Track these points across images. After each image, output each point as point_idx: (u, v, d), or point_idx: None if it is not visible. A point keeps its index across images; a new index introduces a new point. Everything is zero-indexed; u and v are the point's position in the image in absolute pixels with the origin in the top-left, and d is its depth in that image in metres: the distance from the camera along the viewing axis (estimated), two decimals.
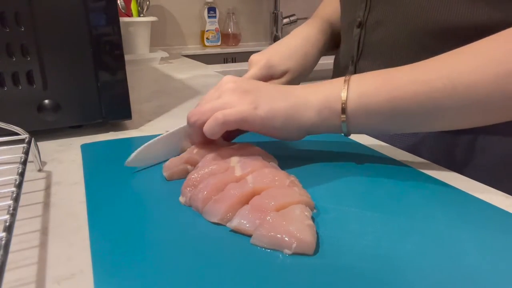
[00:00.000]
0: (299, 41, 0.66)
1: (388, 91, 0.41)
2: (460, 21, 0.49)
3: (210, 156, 0.43)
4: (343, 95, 0.42)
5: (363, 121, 0.43)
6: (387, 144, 0.56)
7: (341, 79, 0.44)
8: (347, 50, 0.66)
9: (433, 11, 0.50)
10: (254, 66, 0.61)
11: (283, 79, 0.63)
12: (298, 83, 0.66)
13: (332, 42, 0.72)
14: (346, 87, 0.43)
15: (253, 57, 0.62)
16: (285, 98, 0.44)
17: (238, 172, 0.39)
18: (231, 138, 0.50)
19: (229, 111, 0.41)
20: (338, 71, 0.71)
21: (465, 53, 0.40)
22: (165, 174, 0.44)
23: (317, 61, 0.68)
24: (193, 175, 0.40)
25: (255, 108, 0.42)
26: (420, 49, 0.51)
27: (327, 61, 0.77)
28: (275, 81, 0.62)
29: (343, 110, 0.42)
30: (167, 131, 0.48)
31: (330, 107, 0.43)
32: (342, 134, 0.45)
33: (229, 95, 0.43)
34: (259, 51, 0.64)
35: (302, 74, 0.65)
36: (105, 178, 0.44)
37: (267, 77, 0.61)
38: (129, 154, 0.44)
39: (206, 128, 0.42)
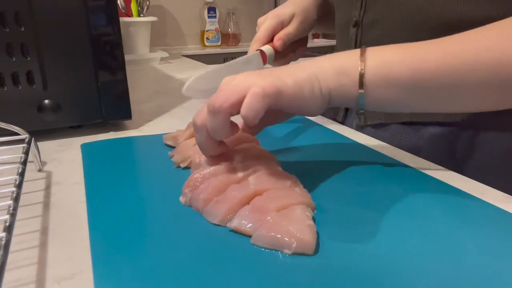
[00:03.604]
0: None
1: (412, 61, 0.39)
2: (458, 17, 0.49)
3: (212, 156, 0.43)
4: (361, 63, 0.40)
5: (381, 93, 0.41)
6: (387, 144, 0.56)
7: (357, 50, 0.42)
8: (343, 50, 0.66)
9: (431, 8, 0.50)
10: (264, 21, 0.64)
11: (294, 23, 0.65)
12: (308, 31, 0.69)
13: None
14: (364, 55, 0.41)
15: (259, 19, 0.66)
16: (302, 70, 0.41)
17: (239, 173, 0.39)
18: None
19: (264, 83, 0.37)
20: None
21: (491, 30, 0.39)
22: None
23: (317, 9, 0.69)
24: (195, 175, 0.40)
25: (282, 80, 0.39)
26: None
27: None
28: (284, 29, 0.64)
29: (361, 79, 0.40)
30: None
31: (347, 74, 0.41)
32: (360, 107, 0.42)
33: (249, 77, 0.38)
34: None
35: (308, 18, 0.67)
36: (105, 178, 0.44)
37: (278, 24, 0.64)
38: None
39: (245, 108, 0.36)
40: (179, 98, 0.83)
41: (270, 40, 0.64)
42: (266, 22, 0.64)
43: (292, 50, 0.69)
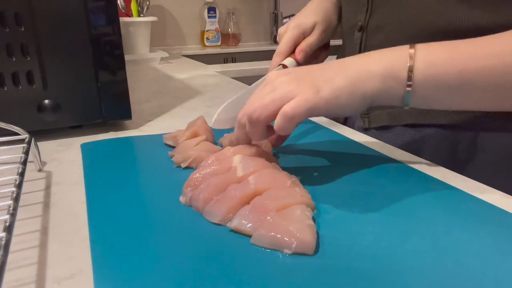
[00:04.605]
0: (317, 0, 0.69)
1: (459, 62, 0.40)
2: (460, 24, 0.49)
3: (212, 156, 0.43)
4: (410, 63, 0.40)
5: (428, 93, 0.41)
6: (387, 144, 0.56)
7: (405, 46, 0.42)
8: (349, 54, 0.65)
9: (434, 14, 0.50)
10: (285, 32, 0.63)
11: (315, 33, 0.64)
12: (330, 37, 0.68)
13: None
14: (413, 54, 0.41)
15: (280, 28, 0.65)
16: (343, 73, 0.42)
17: (240, 173, 0.39)
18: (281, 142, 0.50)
19: (295, 102, 0.39)
20: None
21: None
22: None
23: (338, 13, 0.69)
24: (195, 175, 0.40)
25: (317, 92, 0.40)
26: None
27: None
28: (306, 39, 0.63)
29: (409, 79, 0.40)
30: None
31: (395, 76, 0.41)
32: (405, 106, 0.42)
33: (286, 85, 0.41)
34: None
35: (330, 25, 0.66)
36: (105, 178, 0.44)
37: (300, 35, 0.63)
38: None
39: (276, 127, 0.40)
40: (179, 98, 0.83)
41: (292, 52, 0.63)
42: (287, 34, 0.63)
43: (315, 56, 0.67)
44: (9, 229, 0.29)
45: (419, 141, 0.58)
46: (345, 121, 0.69)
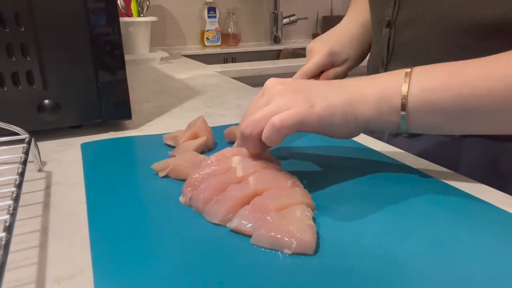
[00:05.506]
0: (358, 28, 0.66)
1: (457, 86, 0.37)
2: (501, 16, 0.44)
3: (212, 156, 0.43)
4: (404, 88, 0.38)
5: (425, 119, 0.39)
6: (387, 145, 0.56)
7: (402, 70, 0.40)
8: (377, 51, 0.63)
9: (471, 6, 0.46)
10: (317, 54, 0.61)
11: (343, 67, 0.63)
12: (351, 70, 0.67)
13: None
14: (407, 80, 0.39)
15: (314, 46, 0.62)
16: (339, 93, 0.40)
17: (239, 173, 0.39)
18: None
19: (285, 114, 0.38)
20: (370, 74, 0.68)
21: None
22: None
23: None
24: (195, 175, 0.40)
25: (312, 107, 0.38)
26: (458, 49, 0.46)
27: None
28: (334, 69, 0.62)
29: (403, 106, 0.38)
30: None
31: (389, 102, 0.39)
32: (403, 133, 0.40)
33: (280, 97, 0.40)
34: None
35: (359, 62, 0.66)
36: (105, 178, 0.44)
37: (329, 65, 0.62)
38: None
39: (264, 137, 0.39)
40: (179, 98, 0.83)
41: (317, 75, 0.62)
42: (318, 57, 0.60)
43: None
44: (9, 229, 0.29)
45: (454, 150, 0.53)
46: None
